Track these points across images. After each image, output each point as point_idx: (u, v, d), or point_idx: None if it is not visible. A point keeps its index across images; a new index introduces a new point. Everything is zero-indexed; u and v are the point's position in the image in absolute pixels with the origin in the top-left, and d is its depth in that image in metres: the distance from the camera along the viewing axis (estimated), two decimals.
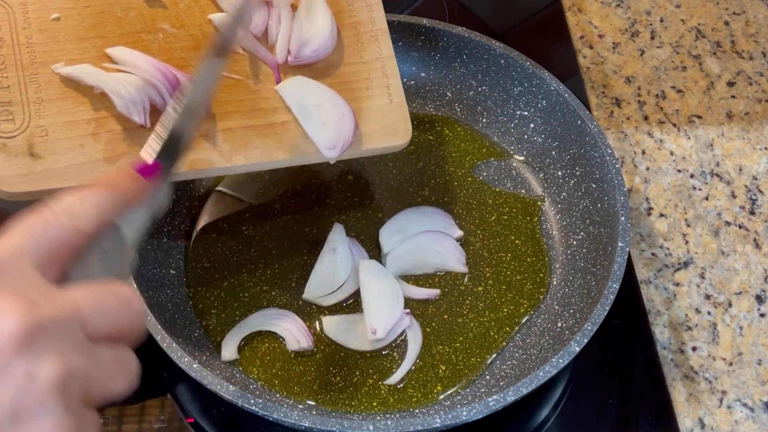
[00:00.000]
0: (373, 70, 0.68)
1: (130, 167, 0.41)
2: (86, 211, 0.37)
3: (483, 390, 0.64)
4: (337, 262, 0.69)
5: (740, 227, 0.79)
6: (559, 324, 0.67)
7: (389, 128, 0.67)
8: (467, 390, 0.65)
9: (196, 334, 0.66)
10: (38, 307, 0.31)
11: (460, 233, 0.73)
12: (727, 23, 0.96)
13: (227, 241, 0.72)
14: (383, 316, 0.66)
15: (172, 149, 0.44)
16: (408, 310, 0.67)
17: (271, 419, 0.56)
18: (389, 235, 0.72)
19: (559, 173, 0.76)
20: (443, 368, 0.66)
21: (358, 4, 0.69)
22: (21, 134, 0.57)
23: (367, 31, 0.69)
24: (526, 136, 0.79)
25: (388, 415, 0.63)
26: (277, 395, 0.64)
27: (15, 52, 0.59)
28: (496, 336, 0.68)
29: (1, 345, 0.30)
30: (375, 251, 0.72)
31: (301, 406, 0.63)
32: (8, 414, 0.30)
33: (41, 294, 0.32)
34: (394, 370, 0.65)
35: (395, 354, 0.66)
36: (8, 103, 0.58)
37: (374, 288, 0.67)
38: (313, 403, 0.63)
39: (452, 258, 0.71)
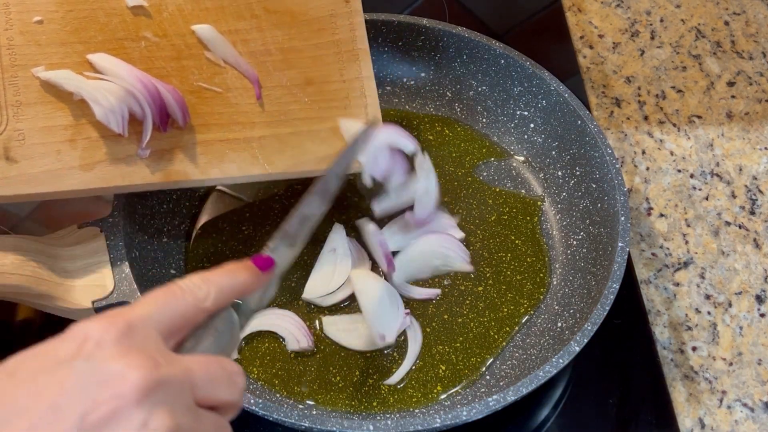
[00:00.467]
0: (351, 89, 0.69)
1: (250, 260, 0.46)
2: (209, 292, 0.41)
3: (483, 390, 0.65)
4: (336, 263, 0.69)
5: (740, 227, 0.79)
6: (559, 324, 0.67)
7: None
8: (467, 390, 0.65)
9: None
10: (159, 367, 0.35)
11: (462, 234, 0.73)
12: (727, 23, 0.96)
13: (227, 241, 0.72)
14: (388, 321, 0.66)
15: (285, 249, 0.49)
16: (408, 311, 0.67)
17: (271, 419, 0.56)
18: (391, 235, 0.72)
19: (559, 173, 0.76)
20: (443, 368, 0.66)
21: (341, 22, 0.69)
22: None
23: (348, 50, 0.69)
24: (526, 136, 0.79)
25: (388, 415, 0.63)
26: (277, 395, 0.64)
27: None
28: (496, 336, 0.68)
29: (125, 393, 0.33)
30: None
31: (301, 406, 0.63)
32: None
33: (162, 356, 0.36)
34: (394, 370, 0.65)
35: (395, 354, 0.66)
36: None
37: (371, 295, 0.67)
38: (313, 403, 0.63)
39: (457, 258, 0.71)
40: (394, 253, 0.71)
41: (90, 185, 0.59)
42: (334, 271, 0.69)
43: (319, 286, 0.69)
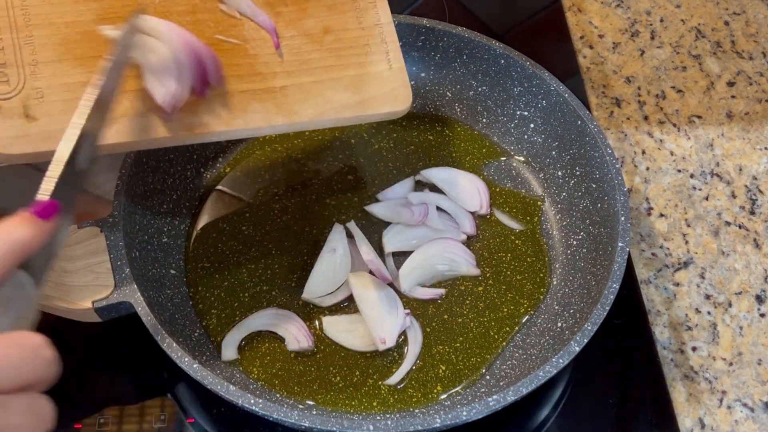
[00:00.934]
0: (371, 36, 0.68)
1: (27, 211, 0.40)
2: None
3: (483, 390, 0.64)
4: (336, 263, 0.69)
5: (740, 227, 0.79)
6: (559, 324, 0.67)
7: (389, 94, 0.67)
8: (467, 390, 0.65)
9: (196, 334, 0.66)
10: None
11: (464, 236, 0.73)
12: (727, 23, 0.96)
13: (227, 241, 0.72)
14: (387, 323, 0.66)
15: (69, 183, 0.44)
16: (408, 311, 0.67)
17: (271, 419, 0.56)
18: (393, 236, 0.72)
19: (559, 173, 0.76)
20: (443, 368, 0.66)
21: None
22: (16, 96, 0.57)
23: None
24: (526, 136, 0.79)
25: (388, 415, 0.63)
26: (277, 395, 0.64)
27: (9, 14, 0.59)
28: (496, 336, 0.68)
29: None
30: (376, 252, 0.71)
31: (301, 406, 0.63)
32: None
33: None
34: (394, 370, 0.65)
35: (395, 354, 0.66)
36: (2, 65, 0.57)
37: (370, 298, 0.67)
38: (313, 403, 0.63)
39: (462, 262, 0.71)
40: (397, 254, 0.71)
41: (111, 140, 0.58)
42: (334, 272, 0.69)
43: (319, 286, 0.69)
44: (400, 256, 0.71)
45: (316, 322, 0.68)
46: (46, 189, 0.43)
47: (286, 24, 0.66)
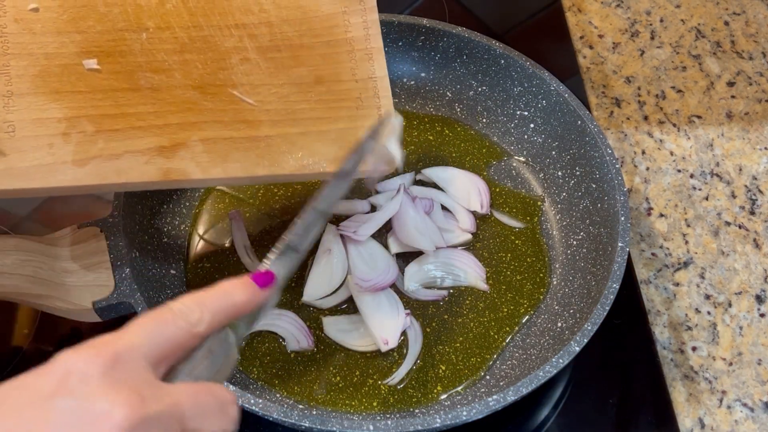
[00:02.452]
0: (365, 89, 0.66)
1: (248, 277, 0.43)
2: (203, 316, 0.39)
3: (483, 390, 0.65)
4: (333, 263, 0.69)
5: (740, 227, 0.79)
6: (559, 324, 0.67)
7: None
8: (467, 390, 0.65)
9: None
10: (145, 403, 0.34)
11: (468, 236, 0.73)
12: (727, 23, 0.96)
13: (227, 241, 0.72)
14: (389, 324, 0.66)
15: (286, 260, 0.47)
16: (408, 311, 0.67)
17: (271, 419, 0.56)
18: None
19: (559, 173, 0.76)
20: (443, 368, 0.66)
21: (354, 20, 0.67)
22: None
23: (361, 48, 0.67)
24: (526, 136, 0.79)
25: (388, 415, 0.63)
26: (277, 395, 0.64)
27: None
28: (496, 336, 0.68)
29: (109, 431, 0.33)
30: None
31: (301, 406, 0.63)
32: None
33: (150, 390, 0.35)
34: (394, 370, 0.65)
35: (395, 354, 0.66)
36: None
37: (370, 299, 0.67)
38: (313, 403, 0.63)
39: (472, 274, 0.70)
40: (400, 255, 0.71)
41: (83, 182, 0.56)
42: (331, 272, 0.69)
43: (317, 288, 0.69)
44: (405, 256, 0.71)
45: (316, 322, 0.68)
46: (271, 259, 0.46)
47: (277, 70, 0.64)
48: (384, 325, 0.66)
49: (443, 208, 0.74)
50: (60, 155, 0.55)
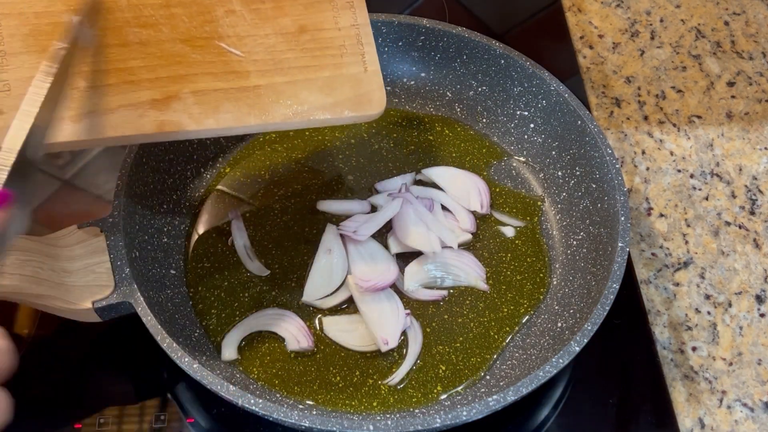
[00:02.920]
0: (348, 37, 0.67)
1: None
2: None
3: (483, 390, 0.64)
4: (333, 263, 0.69)
5: (740, 227, 0.79)
6: (559, 324, 0.67)
7: (363, 97, 0.66)
8: (467, 390, 0.65)
9: (196, 334, 0.66)
10: None
11: (468, 236, 0.73)
12: (727, 23, 0.96)
13: (227, 241, 0.72)
14: (389, 324, 0.66)
15: (21, 173, 0.44)
16: (408, 311, 0.67)
17: (271, 419, 0.56)
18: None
19: (559, 173, 0.76)
20: (443, 368, 0.66)
21: None
22: None
23: None
24: (526, 136, 0.79)
25: (388, 415, 0.63)
26: (277, 395, 0.64)
27: None
28: (496, 336, 0.68)
29: None
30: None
31: (301, 406, 0.63)
32: None
33: None
34: (394, 370, 0.65)
35: (395, 354, 0.66)
36: None
37: (370, 299, 0.67)
38: (313, 403, 0.63)
39: (472, 273, 0.70)
40: (401, 255, 0.71)
41: (80, 137, 0.57)
42: (331, 272, 0.69)
43: (317, 288, 0.69)
44: (405, 256, 0.71)
45: (316, 322, 0.68)
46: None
47: (261, 21, 0.65)
48: (384, 325, 0.66)
49: (443, 208, 0.74)
50: (55, 112, 0.56)
